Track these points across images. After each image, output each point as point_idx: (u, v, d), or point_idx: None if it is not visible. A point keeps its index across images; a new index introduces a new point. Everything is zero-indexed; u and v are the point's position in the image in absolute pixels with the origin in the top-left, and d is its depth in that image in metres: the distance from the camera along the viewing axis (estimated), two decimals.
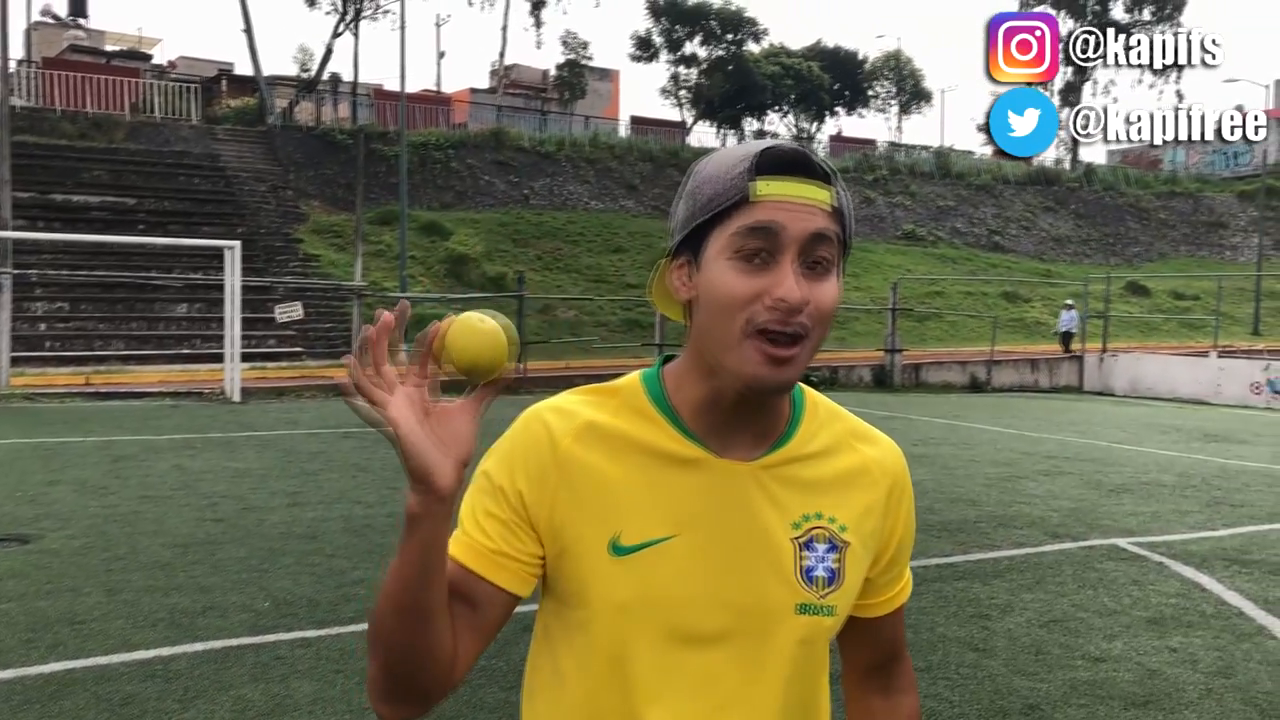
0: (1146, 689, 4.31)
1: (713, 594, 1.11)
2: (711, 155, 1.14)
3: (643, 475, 1.13)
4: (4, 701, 3.97)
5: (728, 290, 1.06)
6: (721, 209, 1.07)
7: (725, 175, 1.08)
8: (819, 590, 1.14)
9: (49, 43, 40.17)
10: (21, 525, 6.98)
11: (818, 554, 1.15)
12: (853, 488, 1.19)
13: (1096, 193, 45.20)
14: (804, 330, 1.06)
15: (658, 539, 1.11)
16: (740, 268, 1.06)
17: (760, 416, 1.15)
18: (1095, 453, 11.84)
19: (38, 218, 23.10)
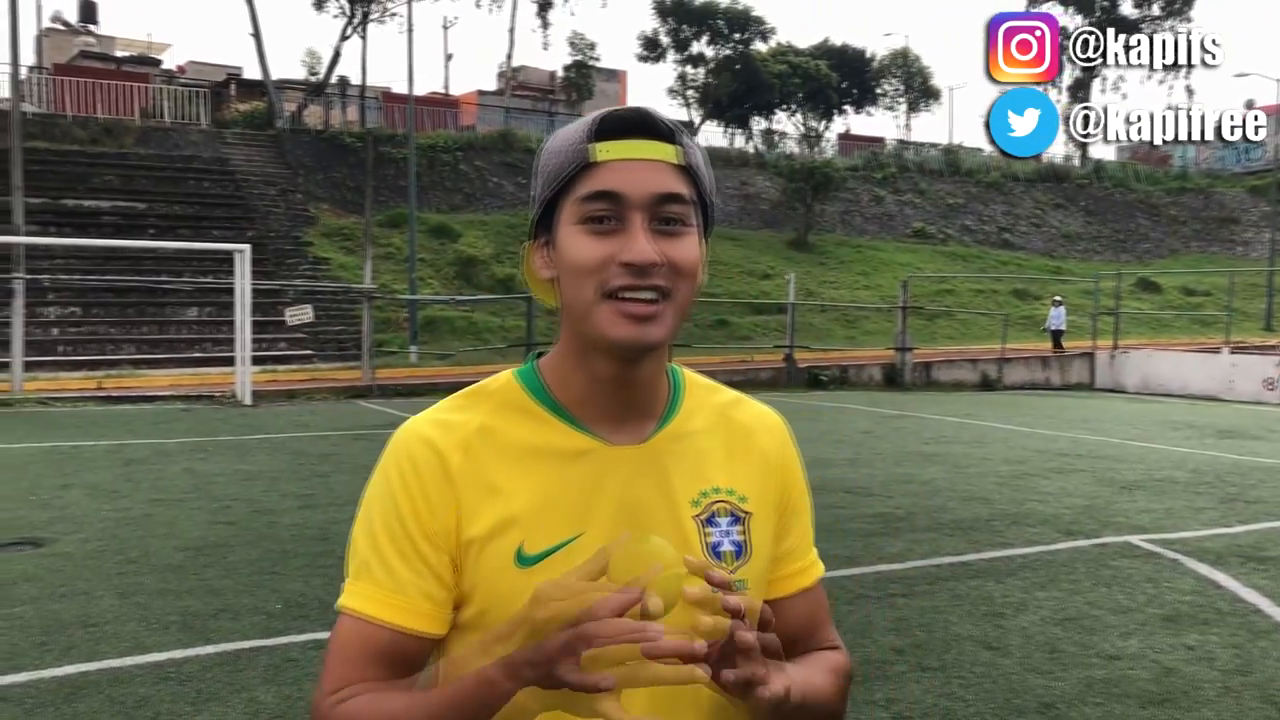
0: (1163, 687, 4.28)
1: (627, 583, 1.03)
2: (557, 131, 1.13)
3: (537, 477, 1.08)
4: (18, 705, 3.98)
5: (578, 256, 1.04)
6: (565, 179, 1.06)
7: (567, 146, 1.07)
8: (729, 565, 1.11)
9: (60, 49, 40.34)
10: (35, 529, 7.00)
11: (721, 528, 1.13)
12: (744, 457, 1.17)
13: (1106, 189, 45.07)
14: (663, 290, 1.04)
15: (563, 542, 1.07)
16: (589, 232, 1.05)
17: (641, 396, 1.12)
18: (1108, 450, 11.79)
19: (50, 223, 23.19)
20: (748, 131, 45.85)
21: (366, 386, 18.28)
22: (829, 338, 27.81)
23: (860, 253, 36.06)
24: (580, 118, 1.12)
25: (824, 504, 8.12)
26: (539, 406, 1.12)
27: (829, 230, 37.60)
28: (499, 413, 1.12)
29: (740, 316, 28.47)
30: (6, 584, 5.62)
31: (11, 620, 4.99)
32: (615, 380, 1.10)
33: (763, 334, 27.19)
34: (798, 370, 21.81)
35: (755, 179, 38.71)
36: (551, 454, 1.10)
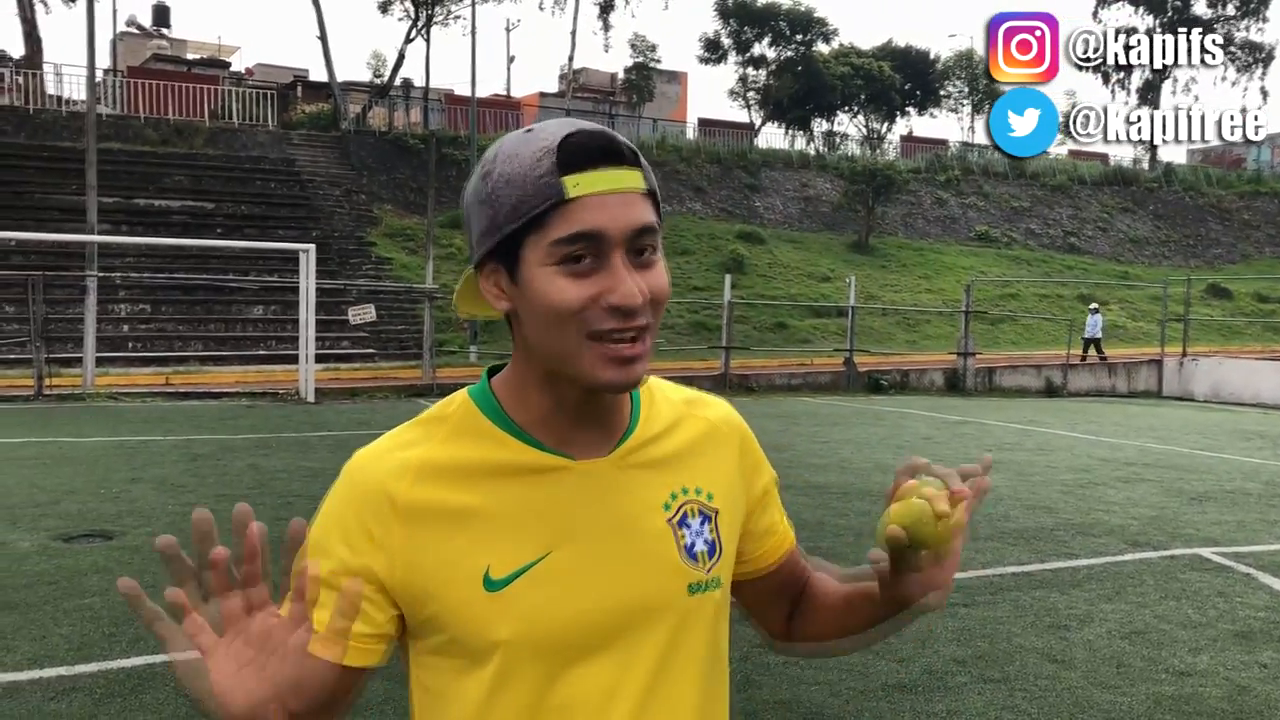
0: (1236, 706, 4.16)
1: (601, 602, 1.06)
2: (502, 148, 1.04)
3: (499, 498, 1.06)
4: (89, 694, 4.07)
5: (559, 301, 0.99)
6: (534, 215, 0.99)
7: (528, 175, 0.99)
8: (704, 565, 1.12)
9: (134, 52, 41.34)
10: (105, 521, 7.16)
11: (694, 529, 1.12)
12: (707, 454, 1.17)
13: (1176, 193, 44.10)
14: (645, 326, 1.02)
15: (530, 562, 1.04)
16: (567, 274, 0.99)
17: (606, 412, 1.10)
18: (1176, 459, 11.52)
19: (121, 222, 23.74)
20: (809, 133, 45.62)
21: (427, 385, 18.46)
22: (889, 341, 27.55)
23: (922, 256, 35.67)
24: (526, 133, 1.04)
25: (883, 511, 8.03)
26: (497, 429, 1.08)
27: (890, 233, 37.25)
28: (453, 439, 1.08)
29: (799, 319, 28.30)
30: (78, 575, 5.76)
31: (82, 611, 5.10)
32: (580, 403, 1.07)
33: (822, 337, 27.00)
34: (857, 374, 21.62)
35: (816, 181, 38.46)
36: (512, 473, 1.07)
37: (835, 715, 3.99)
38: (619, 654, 1.07)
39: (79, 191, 20.90)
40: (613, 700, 1.06)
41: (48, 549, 6.37)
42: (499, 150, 1.04)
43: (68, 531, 6.84)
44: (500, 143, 1.05)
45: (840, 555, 6.53)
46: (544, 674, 1.05)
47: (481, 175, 1.04)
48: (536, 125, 1.04)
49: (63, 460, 9.85)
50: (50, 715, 3.87)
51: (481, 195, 1.03)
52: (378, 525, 1.04)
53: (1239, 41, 49.84)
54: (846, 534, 7.16)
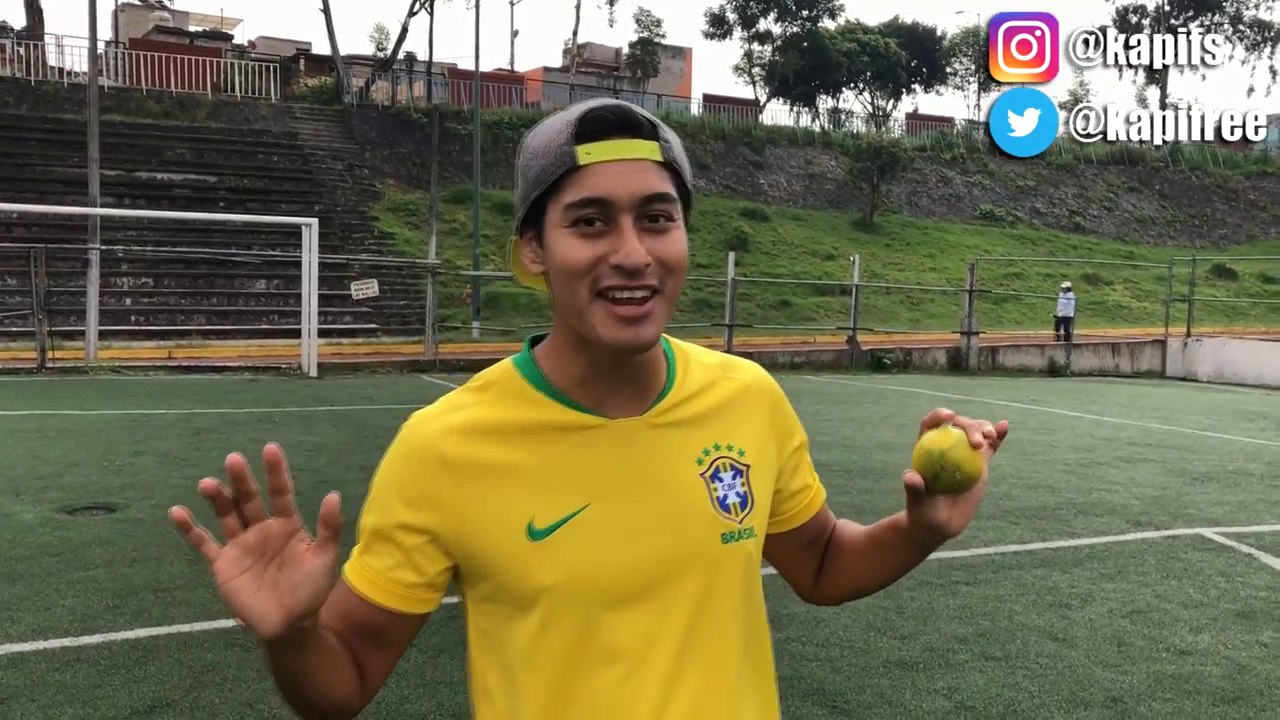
0: (1236, 685, 4.17)
1: (637, 550, 1.13)
2: (537, 126, 1.14)
3: (541, 455, 1.13)
4: (93, 665, 4.08)
5: (569, 259, 1.07)
6: (551, 181, 1.08)
7: (550, 146, 1.09)
8: (736, 516, 1.18)
9: (135, 24, 41.10)
10: (109, 494, 7.17)
11: (725, 482, 1.18)
12: (738, 413, 1.23)
13: (1182, 172, 43.90)
14: (654, 288, 1.08)
15: (571, 513, 1.11)
16: (578, 235, 1.07)
17: (641, 375, 1.16)
18: (1178, 439, 11.52)
19: (124, 195, 23.69)
20: (814, 110, 45.39)
21: (430, 361, 18.46)
22: (893, 320, 27.51)
23: (926, 234, 35.57)
24: (561, 111, 1.13)
25: (887, 489, 8.04)
26: (538, 392, 1.16)
27: (895, 211, 37.14)
28: (498, 401, 1.16)
29: (803, 297, 28.26)
30: (81, 547, 5.77)
31: (86, 583, 5.12)
32: (614, 365, 1.14)
33: (825, 315, 26.97)
34: (860, 352, 21.61)
35: (820, 158, 38.31)
36: (552, 431, 1.14)
37: (836, 692, 4.00)
38: (658, 600, 1.13)
39: (81, 164, 20.85)
40: (654, 644, 1.13)
41: (51, 521, 6.38)
42: (536, 127, 1.14)
43: (71, 504, 6.86)
44: (537, 125, 1.15)
45: None
46: (586, 619, 1.12)
47: (520, 151, 1.14)
48: (574, 104, 1.13)
49: (66, 433, 9.87)
50: (55, 686, 3.88)
51: (519, 168, 1.14)
52: (430, 482, 1.12)
53: (1248, 20, 49.50)
54: (848, 511, 7.14)
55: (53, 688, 3.86)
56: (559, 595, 1.11)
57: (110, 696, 3.79)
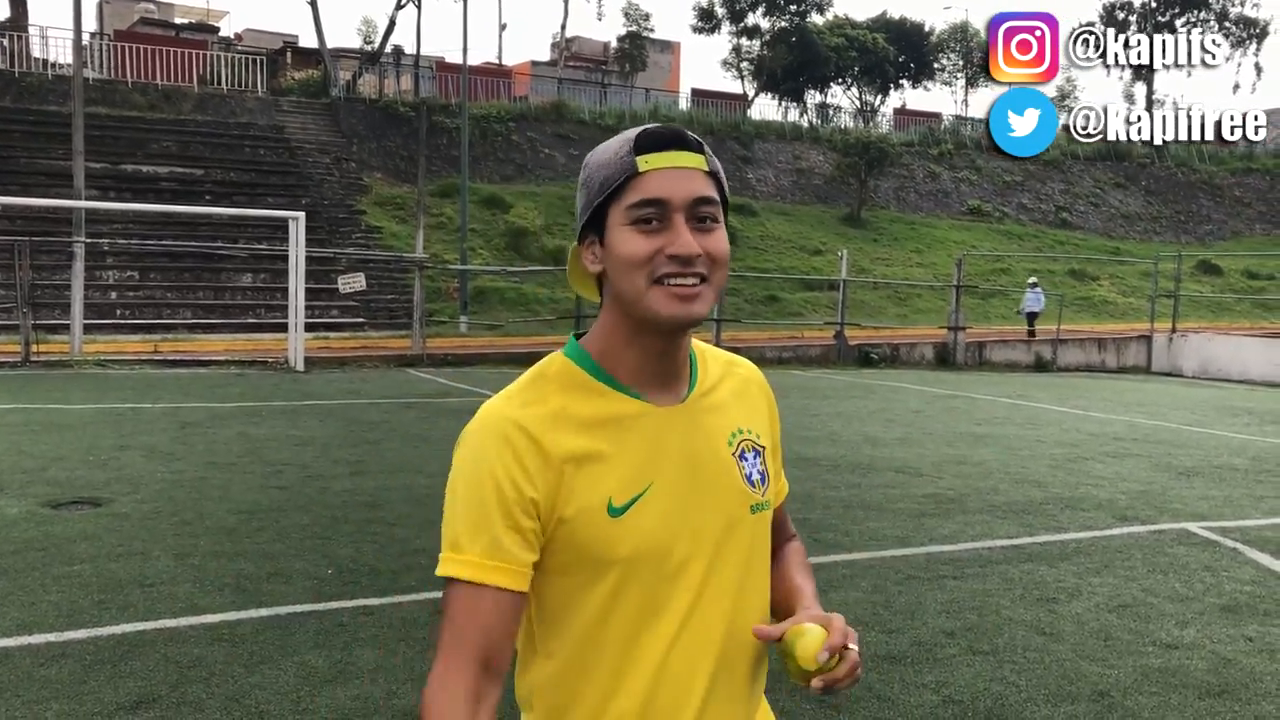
0: (1222, 678, 4.19)
1: (692, 522, 1.32)
2: (597, 149, 1.33)
3: (610, 442, 1.29)
4: (78, 661, 4.06)
5: (631, 251, 1.25)
6: (614, 188, 1.26)
7: (613, 159, 1.28)
8: (759, 490, 1.39)
9: (121, 16, 40.83)
10: (94, 489, 7.13)
11: (750, 461, 1.39)
12: (749, 402, 1.44)
13: (1168, 169, 44.04)
14: (703, 275, 1.26)
15: (640, 492, 1.29)
16: (639, 232, 1.26)
17: (679, 365, 1.35)
18: (1164, 435, 11.57)
19: (109, 188, 23.55)
20: (802, 105, 45.37)
21: (417, 355, 18.41)
22: (880, 315, 27.55)
23: (914, 229, 35.63)
24: (618, 135, 1.32)
25: (874, 483, 8.05)
26: (598, 382, 1.32)
27: (883, 206, 37.18)
28: (566, 393, 1.31)
29: (791, 292, 28.28)
30: (66, 542, 5.74)
31: (71, 578, 5.09)
32: (661, 353, 1.32)
33: (813, 310, 26.99)
34: (848, 347, 21.64)
35: (808, 153, 38.32)
36: (618, 421, 1.31)
37: None
38: (708, 562, 1.32)
39: (66, 156, 20.68)
40: (712, 599, 1.32)
41: (36, 515, 6.34)
42: (596, 150, 1.33)
43: (56, 498, 6.82)
44: (598, 146, 1.34)
45: (829, 526, 6.55)
46: (651, 583, 1.29)
47: (583, 167, 1.33)
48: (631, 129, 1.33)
49: (50, 427, 9.81)
50: (39, 681, 3.86)
51: (581, 182, 1.32)
52: (533, 463, 1.25)
53: (1234, 17, 49.69)
54: (835, 505, 7.17)
55: (37, 683, 3.84)
56: (631, 564, 1.28)
57: (96, 692, 3.77)
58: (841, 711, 3.79)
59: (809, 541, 6.04)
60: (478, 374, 16.49)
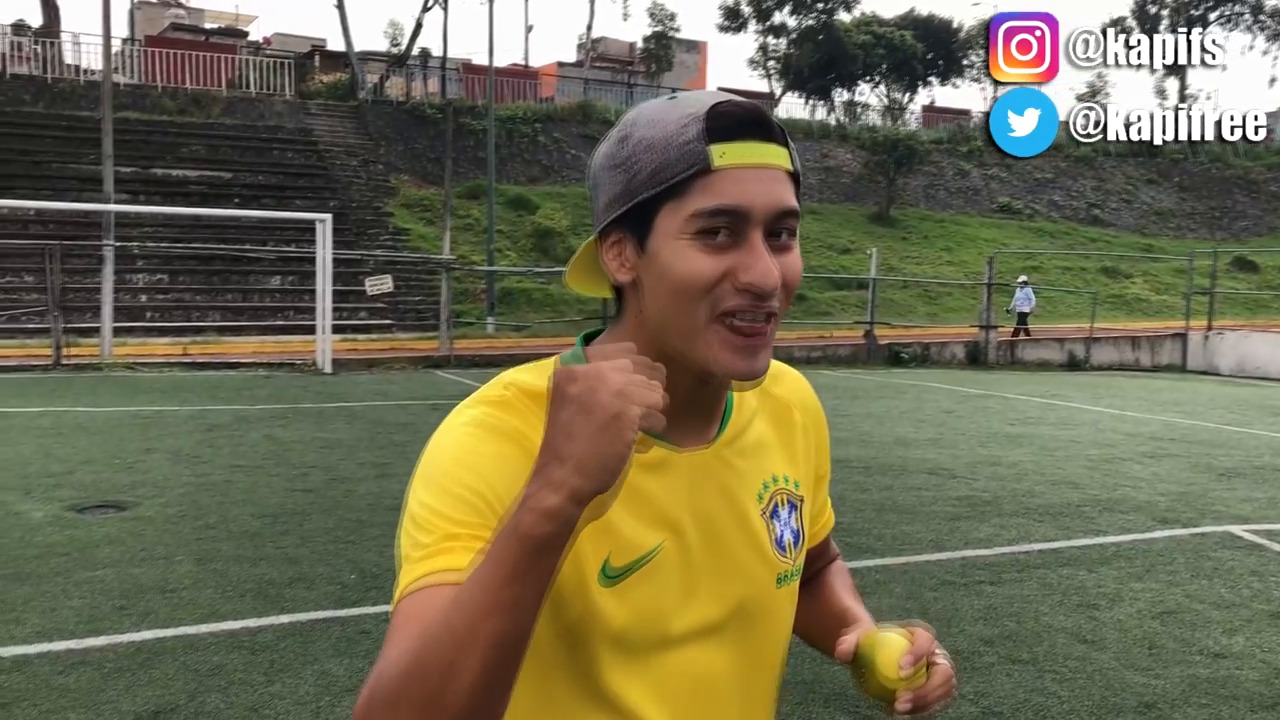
0: (1275, 689, 4.03)
1: (705, 592, 1.05)
2: (642, 112, 0.98)
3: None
4: (96, 668, 4.00)
5: (690, 272, 0.94)
6: (676, 181, 0.93)
7: (671, 141, 0.94)
8: (790, 556, 1.12)
9: (151, 21, 41.17)
10: (119, 492, 7.10)
11: (783, 520, 1.12)
12: (791, 437, 1.15)
13: (1202, 164, 43.45)
14: (774, 311, 0.97)
15: (647, 553, 1.01)
16: (702, 247, 0.94)
17: (713, 402, 1.06)
18: (1202, 434, 11.33)
19: (139, 191, 23.68)
20: (829, 103, 45.15)
21: (444, 357, 18.38)
22: (910, 314, 27.30)
23: (944, 228, 35.32)
24: (669, 100, 0.98)
25: (907, 485, 7.90)
26: None
27: (912, 204, 36.88)
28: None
29: (819, 292, 28.07)
30: (90, 546, 5.69)
31: (94, 583, 5.04)
32: (692, 392, 1.02)
33: (842, 309, 26.78)
34: (878, 347, 21.43)
35: (836, 151, 38.08)
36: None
37: (858, 696, 3.85)
38: (718, 640, 1.06)
39: (96, 161, 20.83)
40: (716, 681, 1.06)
41: (60, 519, 6.31)
42: (639, 114, 0.98)
43: (81, 502, 6.79)
44: (640, 108, 1.00)
45: (861, 530, 6.42)
46: (651, 656, 1.03)
47: (618, 139, 0.98)
48: (681, 93, 0.99)
49: (79, 430, 9.82)
50: (58, 690, 3.79)
51: (617, 159, 0.98)
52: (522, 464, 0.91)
53: (1269, 10, 48.96)
54: (867, 508, 7.03)
55: (56, 691, 3.77)
56: (624, 637, 1.00)
57: (114, 701, 3.70)
58: None
59: (841, 547, 5.90)
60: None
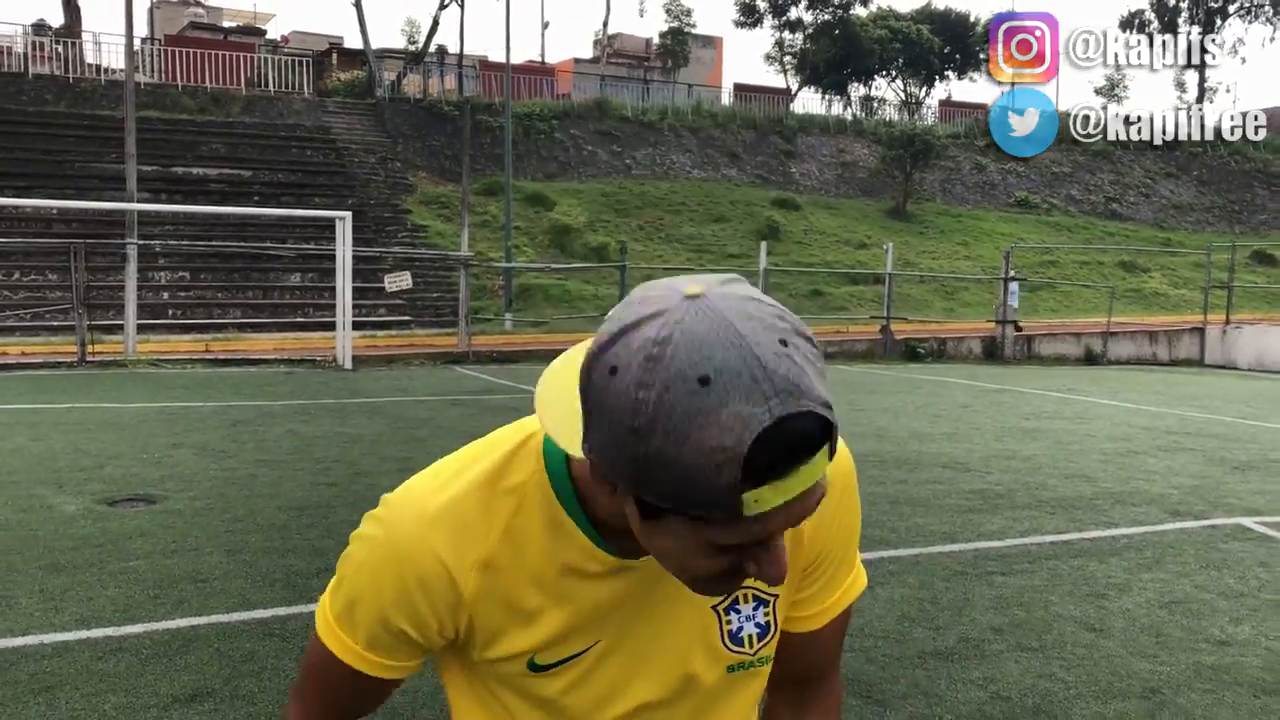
0: (1277, 675, 4.12)
1: (639, 680, 1.08)
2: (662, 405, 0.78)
3: (559, 600, 1.03)
4: (134, 654, 4.15)
5: (690, 566, 0.88)
6: (695, 515, 0.83)
7: (696, 476, 0.78)
8: (750, 648, 1.10)
9: (170, 21, 41.51)
10: (148, 486, 7.27)
11: (743, 614, 1.09)
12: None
13: (1221, 158, 43.22)
14: None
15: (575, 654, 1.05)
16: (711, 549, 0.85)
17: None
18: (1218, 428, 11.38)
19: (160, 190, 23.94)
20: (846, 98, 45.10)
21: (463, 352, 18.55)
22: (927, 309, 27.33)
23: (960, 222, 35.29)
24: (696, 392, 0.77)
25: (921, 479, 8.00)
26: (568, 520, 1.00)
27: (928, 199, 36.87)
28: (523, 515, 1.01)
29: (836, 286, 28.12)
30: (122, 539, 5.85)
31: (128, 573, 5.20)
32: None
33: (859, 304, 26.83)
34: (894, 342, 21.49)
35: (853, 146, 38.08)
36: (578, 577, 1.02)
37: (870, 681, 3.99)
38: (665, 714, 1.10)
39: (118, 160, 21.09)
40: None
41: (93, 512, 6.48)
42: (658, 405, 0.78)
43: (112, 495, 6.95)
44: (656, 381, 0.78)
45: (875, 522, 6.53)
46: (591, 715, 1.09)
47: (630, 428, 0.79)
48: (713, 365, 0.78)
49: (106, 425, 10.01)
50: (98, 674, 3.95)
51: (625, 447, 0.81)
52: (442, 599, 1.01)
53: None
54: (881, 501, 7.14)
55: (96, 676, 3.93)
56: (558, 703, 1.08)
57: (152, 685, 3.85)
58: (888, 708, 3.78)
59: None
60: (522, 370, 16.59)
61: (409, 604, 1.01)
